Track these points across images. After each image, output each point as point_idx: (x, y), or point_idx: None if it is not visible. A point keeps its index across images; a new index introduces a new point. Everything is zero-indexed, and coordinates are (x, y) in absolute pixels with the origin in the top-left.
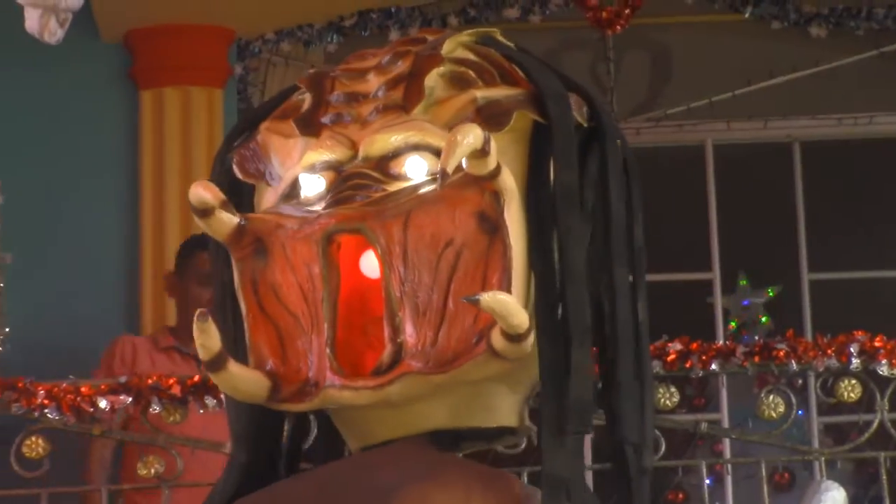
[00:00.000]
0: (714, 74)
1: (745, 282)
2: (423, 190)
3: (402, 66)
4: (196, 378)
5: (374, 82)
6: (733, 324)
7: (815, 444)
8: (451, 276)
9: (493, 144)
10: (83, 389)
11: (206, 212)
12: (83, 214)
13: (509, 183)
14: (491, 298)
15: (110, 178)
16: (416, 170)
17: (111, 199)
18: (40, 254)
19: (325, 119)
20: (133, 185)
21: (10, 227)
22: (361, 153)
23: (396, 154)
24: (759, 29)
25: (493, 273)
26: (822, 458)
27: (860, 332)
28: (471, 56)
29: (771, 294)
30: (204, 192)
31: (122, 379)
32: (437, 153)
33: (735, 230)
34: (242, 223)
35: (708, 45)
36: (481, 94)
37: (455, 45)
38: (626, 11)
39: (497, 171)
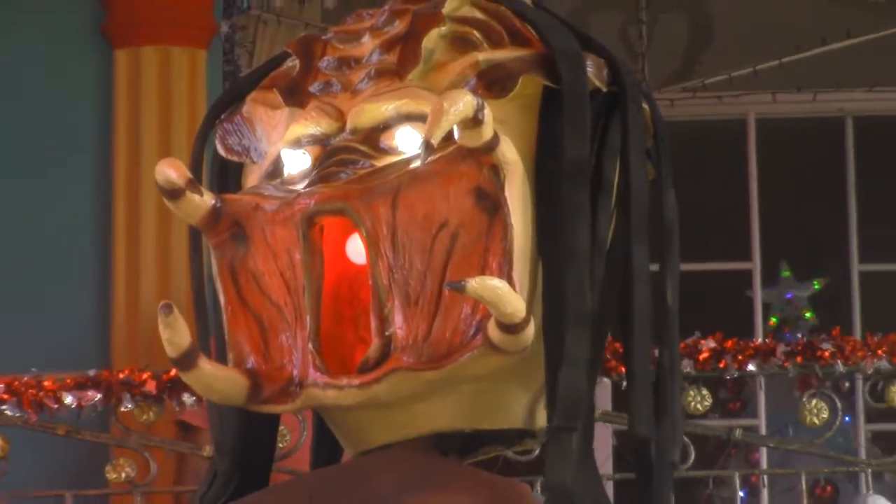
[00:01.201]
0: (759, 40)
1: (788, 273)
2: (413, 165)
3: (398, 27)
4: (172, 373)
5: (368, 45)
6: (774, 319)
7: (862, 454)
8: (447, 260)
9: (487, 112)
10: (46, 384)
11: (174, 192)
12: (49, 190)
13: (510, 155)
14: (479, 284)
15: (80, 149)
16: (407, 142)
17: (81, 172)
18: (2, 234)
19: (313, 88)
20: (105, 154)
21: None
22: (349, 125)
23: (387, 125)
24: None
25: (493, 257)
26: (869, 470)
27: None
28: (477, 14)
29: (817, 287)
30: (170, 170)
31: (91, 372)
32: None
33: (778, 215)
34: (218, 205)
35: (753, 8)
36: (484, 56)
37: (460, 3)
38: None
39: (494, 143)
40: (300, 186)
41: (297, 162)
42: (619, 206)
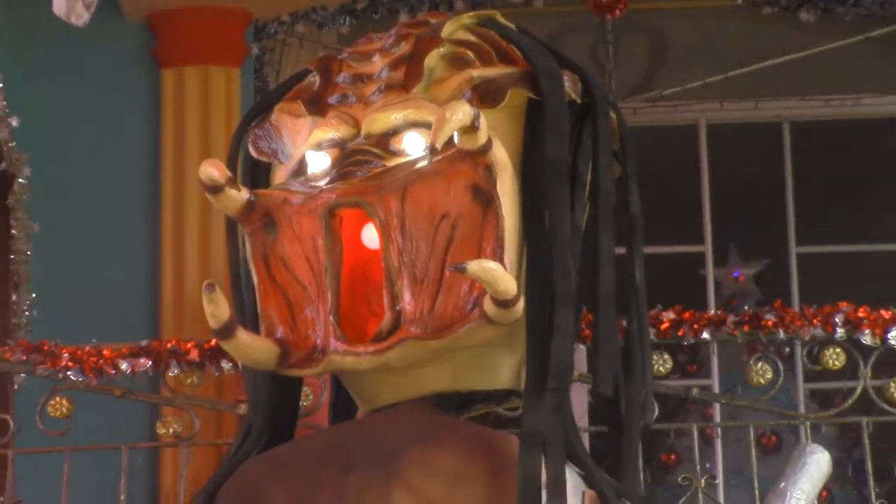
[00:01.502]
0: (707, 57)
1: (735, 254)
2: (419, 165)
3: (404, 48)
4: (213, 342)
5: (378, 64)
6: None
7: (801, 409)
8: (448, 246)
9: (482, 120)
10: (105, 352)
11: (215, 188)
12: (107, 186)
13: (501, 156)
14: (478, 266)
15: (133, 152)
16: (413, 146)
17: (133, 171)
18: (66, 224)
19: (332, 99)
20: (154, 158)
21: (38, 198)
22: (363, 130)
23: (396, 131)
24: (750, 14)
25: (488, 243)
26: (808, 423)
27: (845, 303)
28: (470, 37)
29: (760, 267)
30: (212, 169)
31: (143, 343)
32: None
33: (726, 205)
34: (252, 199)
35: (702, 30)
36: (478, 73)
37: (456, 27)
38: None
39: (488, 146)
40: (322, 183)
41: (318, 162)
42: (591, 200)
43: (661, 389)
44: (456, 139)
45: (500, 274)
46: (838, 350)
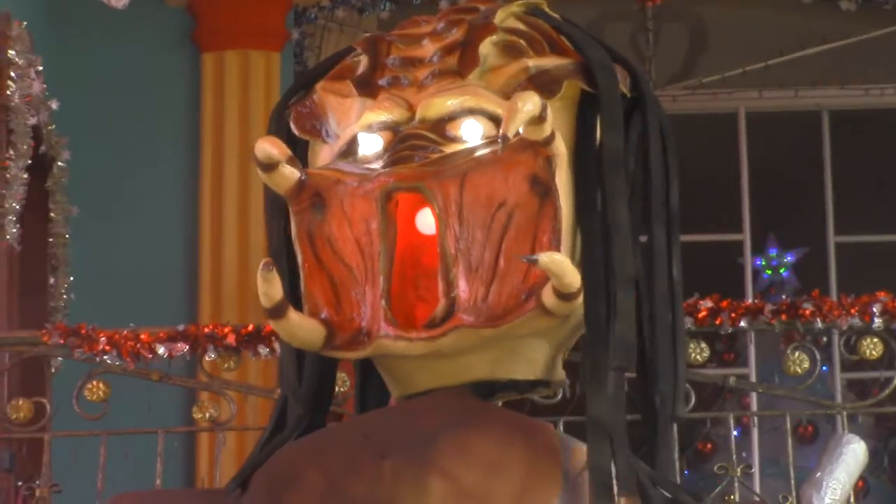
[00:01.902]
0: (747, 45)
1: (774, 243)
2: (479, 153)
3: (456, 34)
4: (250, 327)
5: (429, 48)
6: (769, 271)
7: (838, 398)
8: (503, 234)
9: (549, 112)
10: (143, 336)
11: (270, 166)
12: (146, 170)
13: (561, 148)
14: (549, 258)
15: (172, 136)
16: (472, 133)
17: (173, 155)
18: (104, 207)
19: (382, 81)
20: (194, 142)
21: (77, 182)
22: (419, 115)
23: (452, 117)
24: (791, 2)
25: (543, 233)
26: (845, 413)
27: (883, 293)
28: (521, 26)
29: (799, 255)
30: (270, 146)
31: (180, 327)
32: (491, 118)
33: (765, 194)
34: (303, 178)
35: (742, 18)
36: (533, 63)
37: (506, 15)
38: None
39: (552, 137)
40: (376, 165)
41: (371, 144)
42: (639, 194)
43: (697, 378)
44: (520, 129)
45: (569, 267)
46: (876, 340)
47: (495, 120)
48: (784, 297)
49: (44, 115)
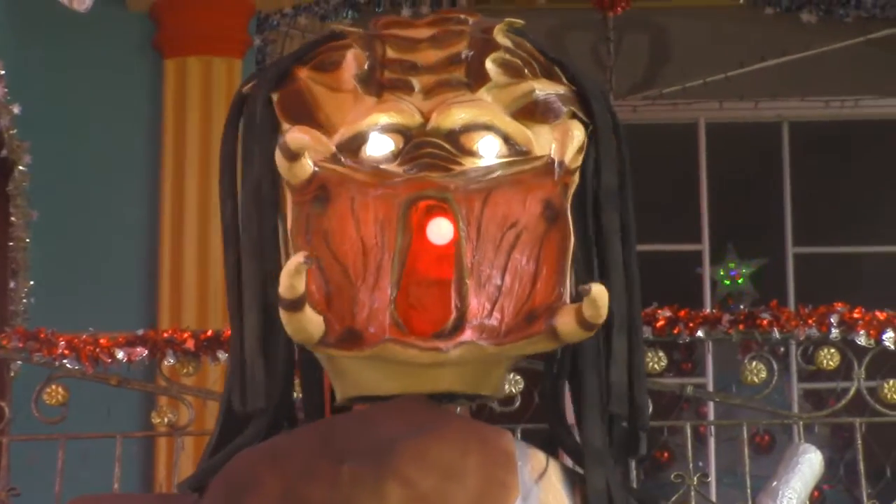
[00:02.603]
0: (708, 56)
1: (732, 254)
2: (499, 172)
3: (459, 45)
4: (209, 332)
5: (431, 55)
6: (726, 283)
7: (795, 408)
8: (510, 253)
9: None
10: (102, 341)
11: (296, 155)
12: (107, 175)
13: (576, 177)
14: (598, 291)
15: (134, 142)
16: (488, 149)
17: (134, 161)
18: (65, 212)
19: (387, 82)
20: (155, 148)
21: (38, 186)
22: (433, 123)
23: (467, 130)
24: (752, 14)
25: (546, 259)
26: (801, 423)
27: (840, 304)
28: (509, 44)
29: (756, 266)
30: (305, 136)
31: (140, 332)
32: (503, 135)
33: (725, 205)
34: (315, 170)
35: (703, 29)
36: (538, 86)
37: (501, 35)
38: None
39: (578, 167)
40: (391, 167)
41: (381, 144)
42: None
43: (655, 387)
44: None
45: (606, 299)
46: (833, 350)
47: (506, 138)
48: (742, 307)
49: (5, 119)
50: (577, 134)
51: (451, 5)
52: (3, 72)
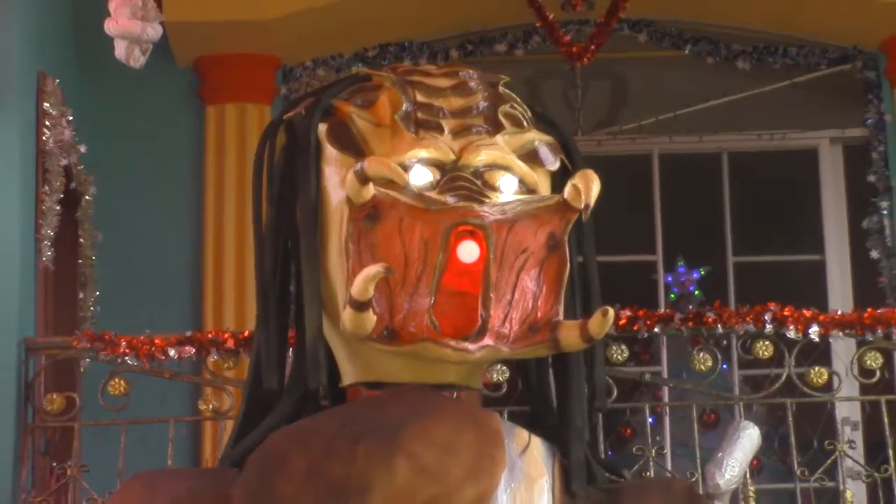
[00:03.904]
0: (660, 98)
1: (682, 262)
2: (523, 207)
3: (476, 97)
4: (246, 333)
5: (454, 102)
6: (672, 296)
7: (736, 391)
8: (519, 274)
9: None
10: (156, 341)
11: (368, 180)
12: (159, 203)
13: (575, 215)
14: (611, 315)
15: (181, 175)
16: (509, 186)
17: (181, 191)
18: (125, 234)
19: (422, 122)
20: (199, 179)
21: (101, 213)
22: (463, 161)
23: (488, 168)
24: (696, 62)
25: (546, 279)
26: (741, 403)
27: (773, 304)
28: (513, 100)
29: (703, 273)
30: (385, 168)
31: (188, 333)
32: (519, 176)
33: (675, 222)
34: (375, 194)
35: (655, 75)
36: (537, 136)
37: (503, 89)
38: (592, 47)
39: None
40: (436, 196)
41: (422, 175)
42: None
43: (618, 375)
44: (566, 194)
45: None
46: (767, 343)
47: (520, 179)
48: (691, 307)
49: (73, 157)
50: (597, 182)
51: (445, 59)
52: (71, 117)
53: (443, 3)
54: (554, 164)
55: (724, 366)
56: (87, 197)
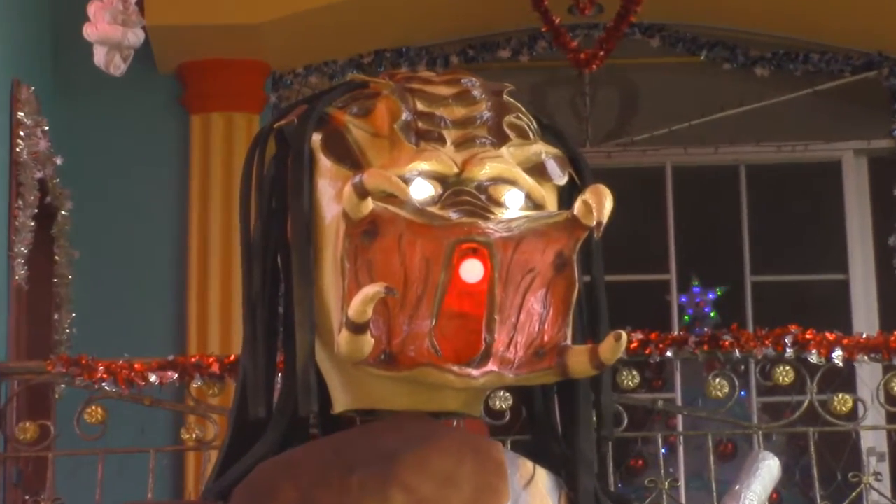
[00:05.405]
0: (673, 107)
1: (697, 282)
2: (531, 224)
3: (480, 106)
4: (232, 357)
5: (456, 111)
6: (686, 318)
7: (755, 420)
8: (525, 295)
9: None
10: (136, 366)
11: (367, 194)
12: (140, 218)
13: (584, 232)
14: (624, 340)
15: (163, 189)
16: (514, 201)
17: (164, 206)
18: (103, 252)
19: (422, 133)
20: (183, 194)
21: (79, 229)
22: (466, 174)
23: (493, 182)
24: (712, 69)
25: (553, 301)
26: (760, 433)
27: (794, 326)
28: (518, 110)
29: (719, 293)
30: (385, 182)
31: (170, 357)
32: (525, 191)
33: (690, 238)
34: (374, 209)
35: (668, 83)
36: (543, 149)
37: (507, 99)
38: (601, 53)
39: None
40: (437, 211)
41: (423, 189)
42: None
43: (629, 401)
44: (576, 210)
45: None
46: (788, 368)
47: (527, 193)
48: (706, 329)
49: (49, 169)
50: (609, 200)
51: (445, 65)
52: (47, 127)
53: (443, 6)
54: (562, 178)
55: (742, 392)
56: (63, 212)
